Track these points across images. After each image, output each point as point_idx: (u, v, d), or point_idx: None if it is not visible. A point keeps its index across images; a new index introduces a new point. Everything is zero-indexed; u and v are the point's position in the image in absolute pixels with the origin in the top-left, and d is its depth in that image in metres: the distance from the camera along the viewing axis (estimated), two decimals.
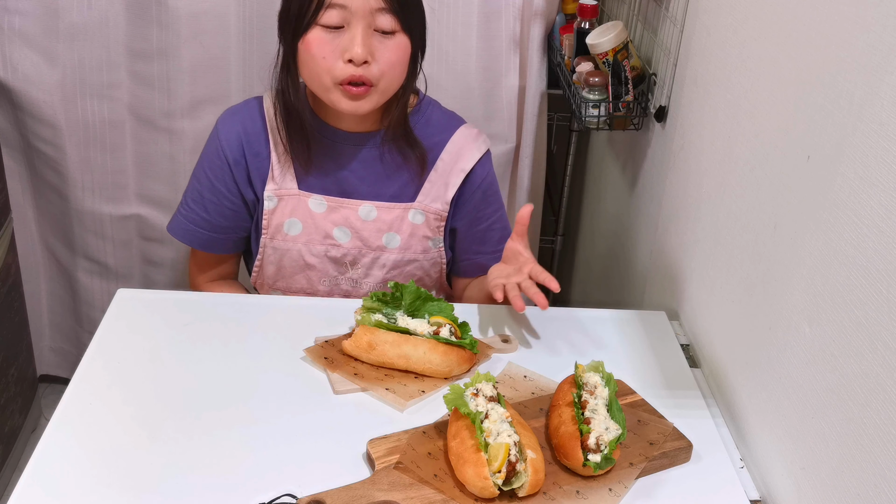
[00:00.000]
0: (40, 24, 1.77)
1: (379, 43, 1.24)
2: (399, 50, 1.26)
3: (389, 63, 1.25)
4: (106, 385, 1.09)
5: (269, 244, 1.39)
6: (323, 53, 1.23)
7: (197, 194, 1.40)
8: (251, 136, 1.36)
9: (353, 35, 1.22)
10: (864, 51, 0.82)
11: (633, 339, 1.27)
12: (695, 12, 1.33)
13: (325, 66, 1.24)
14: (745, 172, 1.11)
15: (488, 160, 1.44)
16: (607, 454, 0.96)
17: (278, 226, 1.38)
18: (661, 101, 1.47)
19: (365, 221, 1.38)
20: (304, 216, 1.37)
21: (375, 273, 1.41)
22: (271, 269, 1.41)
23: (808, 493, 0.90)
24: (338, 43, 1.23)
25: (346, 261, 1.39)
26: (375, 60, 1.24)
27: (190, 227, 1.41)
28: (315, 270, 1.40)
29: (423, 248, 1.41)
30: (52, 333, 2.17)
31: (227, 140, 1.36)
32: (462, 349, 1.16)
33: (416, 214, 1.38)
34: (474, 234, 1.44)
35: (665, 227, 1.45)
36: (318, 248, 1.38)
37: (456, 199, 1.40)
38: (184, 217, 1.42)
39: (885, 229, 0.77)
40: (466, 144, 1.40)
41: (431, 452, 1.00)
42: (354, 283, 1.41)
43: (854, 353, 0.82)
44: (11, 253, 1.87)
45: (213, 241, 1.42)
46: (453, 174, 1.39)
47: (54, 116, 1.84)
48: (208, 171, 1.38)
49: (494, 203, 1.45)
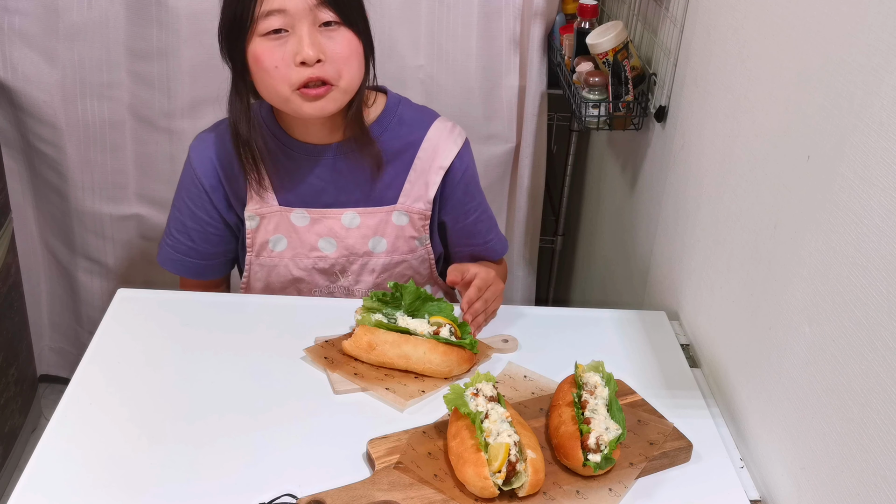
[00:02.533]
0: (40, 24, 1.77)
1: (327, 40, 1.20)
2: (347, 43, 1.21)
3: (342, 57, 1.21)
4: (106, 385, 1.09)
5: (256, 261, 1.38)
6: (274, 62, 1.19)
7: (180, 224, 1.38)
8: (224, 161, 1.34)
9: (299, 37, 1.18)
10: (864, 51, 0.82)
11: (633, 339, 1.27)
12: (695, 12, 1.33)
13: (278, 75, 1.20)
14: (745, 172, 1.11)
15: (466, 152, 1.40)
16: (607, 454, 0.96)
17: (263, 243, 1.37)
18: (661, 101, 1.47)
19: (349, 229, 1.36)
20: (288, 231, 1.36)
21: (365, 279, 1.40)
22: (259, 286, 1.40)
23: (808, 493, 0.90)
24: (286, 49, 1.19)
25: (335, 270, 1.39)
26: (328, 58, 1.20)
27: (178, 256, 1.40)
28: (304, 283, 1.39)
29: (409, 248, 1.40)
30: (52, 333, 2.18)
31: (201, 168, 1.34)
32: (462, 349, 1.16)
33: (400, 216, 1.37)
34: (462, 228, 1.44)
35: (665, 227, 1.45)
36: (305, 261, 1.37)
37: (438, 196, 1.38)
38: (170, 248, 1.40)
39: (885, 229, 0.77)
40: (442, 140, 1.37)
41: (431, 452, 1.00)
42: (347, 292, 1.41)
43: (854, 353, 0.82)
44: (11, 253, 1.87)
45: (204, 267, 1.42)
46: (432, 172, 1.36)
47: (54, 116, 1.84)
48: (187, 201, 1.37)
49: (477, 195, 1.43)
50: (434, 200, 1.38)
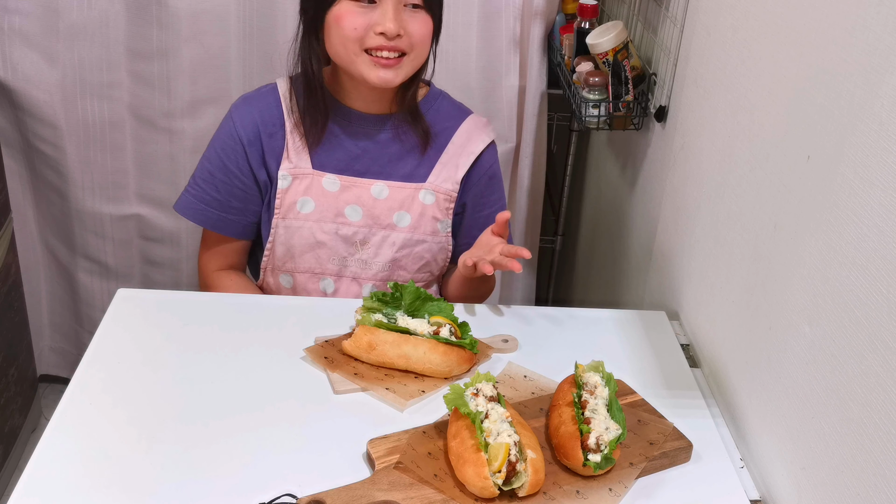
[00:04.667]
0: (40, 24, 1.77)
1: (409, 17, 1.28)
2: (425, 25, 1.30)
3: (420, 36, 1.30)
4: (106, 385, 1.09)
5: (281, 223, 1.39)
6: (354, 25, 1.26)
7: (207, 174, 1.40)
8: (266, 119, 1.39)
9: (384, 10, 1.26)
10: (864, 51, 0.82)
11: (633, 339, 1.27)
12: (695, 12, 1.33)
13: (355, 36, 1.27)
14: (745, 172, 1.11)
15: (494, 150, 1.48)
16: (607, 454, 0.96)
17: (291, 204, 1.39)
18: (661, 101, 1.47)
19: (377, 200, 1.40)
20: (318, 195, 1.39)
21: (385, 252, 1.42)
22: (281, 250, 1.41)
23: (808, 493, 0.90)
24: (369, 17, 1.26)
25: (356, 239, 1.41)
26: (406, 34, 1.28)
27: (199, 206, 1.41)
28: (325, 248, 1.40)
29: (432, 230, 1.43)
30: (52, 333, 2.17)
31: (241, 122, 1.38)
32: (462, 349, 1.16)
33: (427, 195, 1.41)
34: (476, 219, 1.47)
35: (665, 227, 1.45)
36: (328, 225, 1.39)
37: (465, 180, 1.44)
38: (193, 196, 1.42)
39: (885, 229, 0.77)
40: (476, 131, 1.45)
41: (431, 452, 1.00)
42: (364, 265, 1.42)
43: (854, 353, 0.82)
44: (11, 253, 1.87)
45: (222, 221, 1.42)
46: (463, 156, 1.43)
47: (54, 116, 1.84)
48: (220, 153, 1.39)
49: (498, 191, 1.49)
50: (461, 182, 1.43)
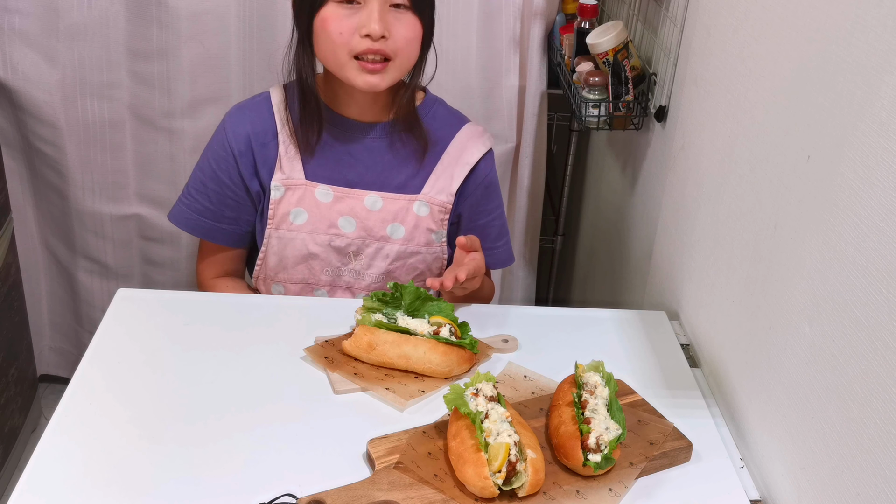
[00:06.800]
0: (40, 24, 1.77)
1: (394, 20, 1.27)
2: (411, 27, 1.28)
3: (405, 39, 1.28)
4: (106, 385, 1.09)
5: (274, 234, 1.39)
6: (339, 29, 1.26)
7: (200, 184, 1.41)
8: (259, 129, 1.38)
9: (369, 11, 1.24)
10: (864, 51, 0.82)
11: (633, 339, 1.27)
12: (695, 12, 1.33)
13: (341, 41, 1.26)
14: (745, 172, 1.11)
15: (491, 158, 1.46)
16: (607, 454, 0.96)
17: (284, 215, 1.38)
18: (661, 101, 1.47)
19: (370, 211, 1.39)
20: (311, 206, 1.38)
21: (378, 264, 1.41)
22: (273, 260, 1.41)
23: (808, 493, 0.90)
24: (354, 19, 1.25)
25: (349, 251, 1.40)
26: (391, 37, 1.26)
27: (192, 215, 1.42)
28: (318, 260, 1.40)
29: (426, 241, 1.42)
30: (52, 333, 2.17)
31: (233, 132, 1.38)
32: (462, 349, 1.16)
33: (421, 206, 1.40)
34: (473, 228, 1.46)
35: (665, 227, 1.45)
36: (322, 237, 1.39)
37: (460, 191, 1.42)
38: (186, 206, 1.42)
39: (885, 229, 0.77)
40: (471, 140, 1.43)
41: (431, 452, 1.00)
42: (357, 275, 1.42)
43: (854, 353, 0.82)
44: (11, 253, 1.87)
45: (216, 230, 1.42)
46: (458, 166, 1.41)
47: (54, 116, 1.84)
48: (212, 163, 1.39)
49: (495, 199, 1.48)
50: (456, 194, 1.42)
